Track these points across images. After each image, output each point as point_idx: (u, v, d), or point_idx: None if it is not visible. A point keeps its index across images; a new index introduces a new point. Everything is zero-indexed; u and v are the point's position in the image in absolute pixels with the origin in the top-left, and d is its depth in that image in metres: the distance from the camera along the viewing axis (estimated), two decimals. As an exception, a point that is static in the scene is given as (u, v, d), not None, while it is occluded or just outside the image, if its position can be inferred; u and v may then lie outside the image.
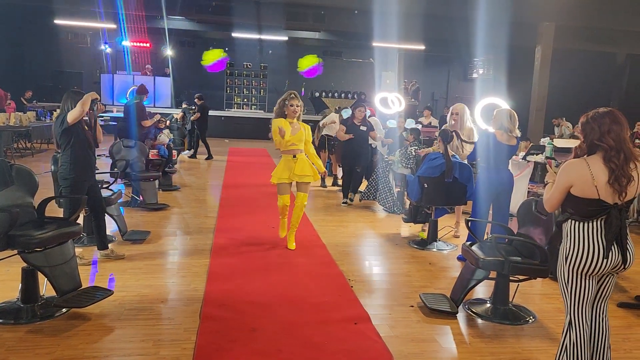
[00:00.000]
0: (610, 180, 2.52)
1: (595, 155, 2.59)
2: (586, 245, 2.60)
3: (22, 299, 3.49)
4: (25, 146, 11.55)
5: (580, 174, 2.57)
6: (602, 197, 2.55)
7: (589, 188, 2.56)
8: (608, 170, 2.53)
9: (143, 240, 5.30)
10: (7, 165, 3.56)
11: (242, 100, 20.34)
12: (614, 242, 2.59)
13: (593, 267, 2.61)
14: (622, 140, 2.56)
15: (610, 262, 2.61)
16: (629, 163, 2.55)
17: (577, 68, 17.32)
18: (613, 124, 2.57)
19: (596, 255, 2.59)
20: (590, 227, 2.60)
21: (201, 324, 3.47)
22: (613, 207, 2.56)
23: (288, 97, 5.08)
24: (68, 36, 19.39)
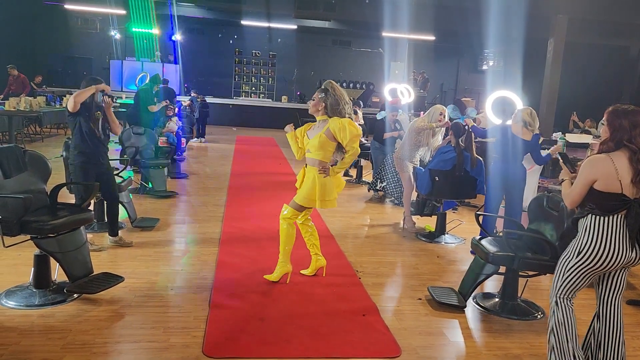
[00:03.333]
0: (635, 180, 2.58)
1: (620, 153, 2.62)
2: (605, 240, 2.64)
3: (35, 284, 3.52)
4: (35, 131, 11.61)
5: (605, 170, 2.61)
6: (625, 192, 2.59)
7: (613, 183, 2.59)
8: (633, 170, 2.58)
9: (152, 228, 5.32)
10: (20, 150, 3.59)
11: (250, 88, 20.31)
12: (636, 238, 2.62)
13: (606, 263, 2.66)
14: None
15: (626, 256, 2.65)
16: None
17: (589, 61, 17.14)
18: (635, 123, 2.61)
19: (614, 251, 2.63)
20: (611, 221, 2.63)
21: (210, 312, 3.49)
22: (634, 202, 2.60)
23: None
24: (78, 21, 19.36)
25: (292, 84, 19.96)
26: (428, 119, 5.91)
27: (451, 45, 20.63)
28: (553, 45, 13.66)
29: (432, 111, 5.94)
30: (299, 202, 3.99)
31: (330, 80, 4.06)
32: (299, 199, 3.99)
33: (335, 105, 3.90)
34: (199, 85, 18.42)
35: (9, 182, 3.46)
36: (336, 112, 3.92)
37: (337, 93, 3.93)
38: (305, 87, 19.98)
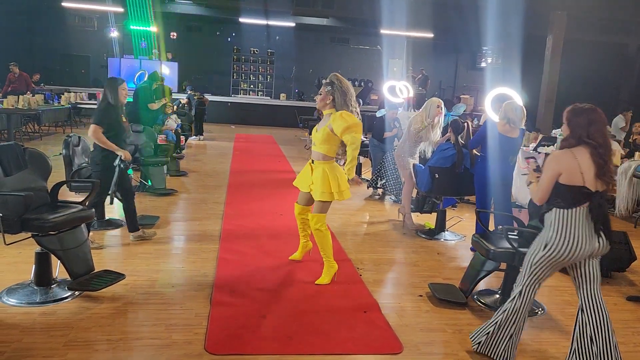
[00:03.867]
0: (599, 174, 2.72)
1: (582, 148, 2.76)
2: (570, 232, 2.77)
3: (36, 282, 3.52)
4: (33, 129, 11.58)
5: (568, 164, 2.75)
6: (587, 185, 2.74)
7: (576, 176, 2.73)
8: (595, 165, 2.71)
9: (152, 225, 5.31)
10: (20, 148, 3.58)
11: (248, 86, 20.28)
12: (600, 228, 2.77)
13: (572, 254, 2.77)
14: (605, 137, 2.77)
15: (590, 246, 2.78)
16: (610, 159, 2.78)
17: (587, 59, 17.13)
18: (600, 122, 2.77)
19: (578, 242, 2.76)
20: (575, 213, 2.77)
21: (212, 309, 3.49)
22: (596, 194, 2.74)
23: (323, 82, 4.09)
24: (75, 19, 19.32)
25: (290, 82, 19.94)
26: (425, 113, 5.87)
27: (449, 42, 20.63)
28: (552, 42, 13.67)
29: (428, 105, 5.88)
30: (322, 200, 3.94)
31: (336, 73, 4.03)
32: (319, 198, 3.94)
33: (342, 97, 3.91)
34: (197, 83, 18.40)
35: (9, 180, 3.45)
36: (343, 105, 3.93)
37: (344, 85, 3.93)
38: (303, 85, 19.97)
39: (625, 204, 5.68)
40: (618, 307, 4.03)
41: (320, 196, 3.94)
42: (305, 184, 4.12)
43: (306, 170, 4.14)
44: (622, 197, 5.65)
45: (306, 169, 4.16)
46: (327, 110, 3.98)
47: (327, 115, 3.99)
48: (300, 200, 4.26)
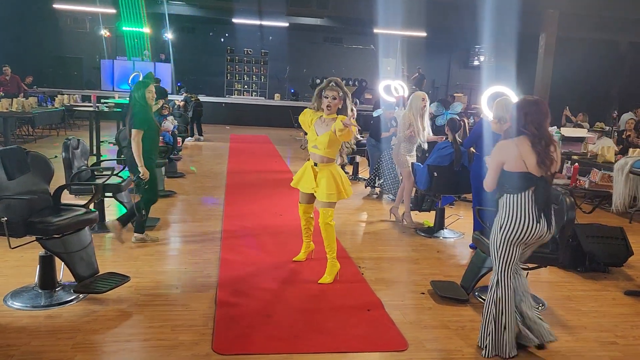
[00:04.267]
0: (538, 162, 2.93)
1: (523, 139, 2.97)
2: (519, 214, 2.97)
3: (40, 285, 3.53)
4: (27, 132, 11.52)
5: (509, 152, 2.98)
6: (530, 170, 2.94)
7: (519, 163, 2.94)
8: (535, 153, 2.93)
9: (153, 227, 5.32)
10: (23, 152, 3.58)
11: (242, 86, 20.26)
12: (543, 210, 2.96)
13: (524, 234, 2.98)
14: (543, 128, 2.96)
15: (538, 230, 2.98)
16: (549, 147, 2.95)
17: (579, 56, 17.28)
18: (537, 113, 2.96)
19: (527, 223, 2.96)
20: (522, 198, 2.97)
21: (217, 310, 3.51)
22: (540, 179, 2.95)
23: (326, 85, 4.03)
24: (67, 21, 19.20)
25: (284, 82, 19.95)
26: (411, 108, 5.89)
27: (442, 41, 20.71)
28: (544, 40, 13.78)
29: (413, 100, 5.91)
30: (330, 200, 4.03)
31: (336, 78, 4.09)
32: (327, 199, 4.01)
33: (346, 104, 4.01)
34: (191, 84, 18.37)
35: (12, 184, 3.45)
36: (345, 110, 4.01)
37: (348, 92, 4.05)
38: (297, 85, 19.97)
39: (622, 200, 5.75)
40: (616, 302, 4.10)
41: (328, 197, 4.02)
42: (308, 186, 4.14)
43: (308, 173, 4.15)
44: (619, 193, 5.72)
45: (307, 171, 4.16)
46: (332, 115, 4.01)
47: (329, 119, 4.02)
48: (303, 199, 4.30)
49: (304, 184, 4.18)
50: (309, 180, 4.12)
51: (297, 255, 4.56)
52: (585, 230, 4.68)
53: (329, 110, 3.98)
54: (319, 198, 4.06)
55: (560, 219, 3.71)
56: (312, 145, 4.08)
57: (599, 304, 4.01)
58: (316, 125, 4.10)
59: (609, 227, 4.84)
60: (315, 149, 4.06)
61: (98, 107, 9.29)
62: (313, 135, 4.07)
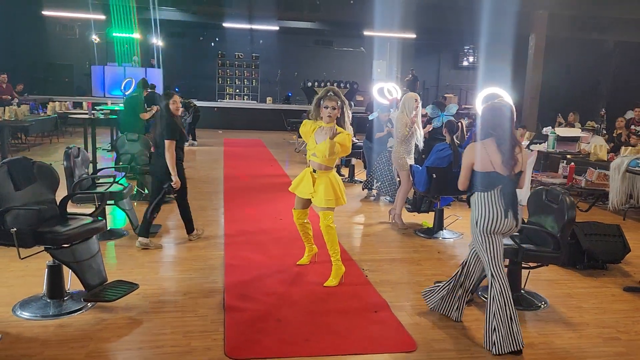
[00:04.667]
0: (503, 162, 3.18)
1: (490, 140, 3.23)
2: (489, 209, 3.23)
3: (49, 294, 3.54)
4: (21, 140, 11.45)
5: (477, 153, 3.24)
6: (496, 169, 3.19)
7: (486, 163, 3.21)
8: (501, 154, 3.18)
9: (155, 234, 5.34)
10: (29, 162, 3.59)
11: (234, 90, 20.27)
12: (510, 206, 3.21)
13: (495, 226, 3.23)
14: (508, 131, 3.21)
15: (507, 224, 3.23)
16: (515, 148, 3.20)
17: (568, 56, 17.51)
18: (503, 117, 3.21)
19: (497, 217, 3.22)
20: (490, 195, 3.23)
21: (226, 315, 3.55)
22: (505, 178, 3.20)
23: (325, 94, 4.09)
24: (56, 27, 19.11)
25: (276, 85, 19.99)
26: (404, 109, 5.96)
27: (432, 42, 20.87)
28: (534, 40, 13.95)
29: (405, 102, 5.99)
30: (328, 206, 4.12)
31: (333, 87, 4.19)
32: (325, 205, 4.10)
33: (344, 111, 4.10)
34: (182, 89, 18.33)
35: (19, 194, 3.46)
36: (342, 121, 4.12)
37: (345, 100, 4.14)
38: (289, 88, 20.01)
39: (619, 198, 5.86)
40: (616, 298, 4.18)
41: (326, 203, 4.11)
42: (306, 191, 4.20)
43: (307, 178, 4.21)
44: (616, 191, 5.83)
45: (306, 177, 4.22)
46: (331, 124, 4.08)
47: (329, 128, 4.08)
48: (298, 205, 4.36)
49: (302, 189, 4.24)
50: (307, 185, 4.19)
51: (301, 259, 4.61)
52: (583, 229, 4.77)
53: (330, 119, 4.07)
54: (317, 204, 4.14)
55: (560, 218, 3.80)
56: (311, 153, 4.17)
57: (599, 301, 4.10)
58: (316, 134, 4.16)
59: (606, 224, 4.94)
60: (314, 157, 4.14)
61: (93, 114, 9.26)
62: (312, 143, 4.15)
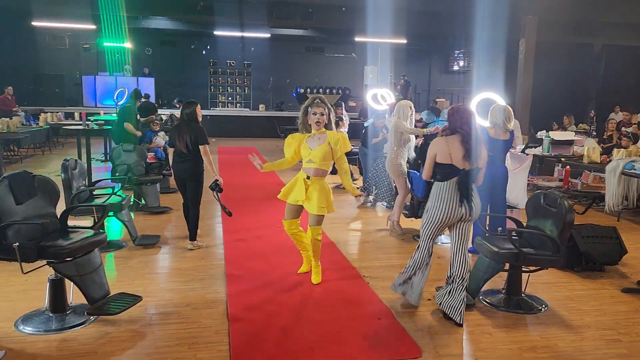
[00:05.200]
0: (464, 156, 3.60)
1: (454, 137, 3.66)
2: (443, 199, 3.65)
3: (51, 309, 3.52)
4: (13, 152, 11.37)
5: (440, 147, 3.69)
6: (454, 163, 3.61)
7: (445, 156, 3.65)
8: (463, 149, 3.60)
9: (154, 245, 5.33)
10: (30, 176, 3.58)
11: (226, 98, 20.28)
12: (465, 196, 3.61)
13: (446, 216, 3.65)
14: (470, 130, 3.63)
15: (459, 212, 3.65)
16: (479, 145, 3.64)
17: (558, 59, 17.74)
18: (469, 116, 3.67)
19: (450, 206, 3.63)
20: (447, 185, 3.65)
21: (231, 325, 3.55)
22: (462, 171, 3.61)
23: (311, 102, 4.14)
24: (46, 38, 19.03)
25: (268, 93, 20.03)
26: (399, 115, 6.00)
27: (422, 47, 21.03)
28: (525, 45, 14.10)
29: (401, 109, 6.03)
30: (320, 214, 4.16)
31: (319, 95, 4.29)
32: (318, 212, 4.15)
33: (330, 117, 4.20)
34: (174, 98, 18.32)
35: (21, 208, 3.45)
36: (330, 125, 4.22)
37: (331, 107, 4.24)
38: (282, 95, 20.06)
39: (615, 200, 5.93)
40: (615, 300, 4.23)
41: (319, 210, 4.15)
42: (299, 198, 4.22)
43: (299, 185, 4.23)
44: (612, 194, 5.89)
45: (299, 183, 4.24)
46: (320, 130, 4.17)
47: (320, 133, 4.17)
48: (288, 215, 4.36)
49: (294, 195, 4.25)
50: (299, 192, 4.21)
51: (301, 267, 4.62)
52: (580, 231, 4.82)
53: (318, 126, 4.14)
54: (311, 210, 4.17)
55: (559, 221, 3.84)
56: (307, 160, 4.19)
57: (599, 303, 4.14)
58: (307, 142, 4.21)
59: (602, 226, 5.00)
60: (311, 163, 4.17)
61: (88, 125, 9.23)
62: (307, 151, 4.19)
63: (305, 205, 4.20)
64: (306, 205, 4.20)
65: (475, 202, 3.69)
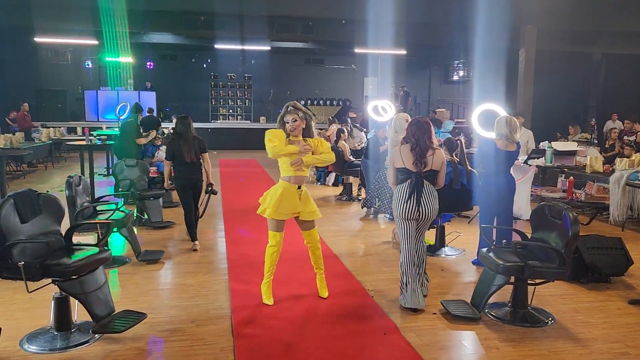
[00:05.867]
0: (414, 162, 4.14)
1: (406, 145, 4.21)
2: (402, 197, 4.15)
3: (56, 327, 3.50)
4: (16, 168, 11.40)
5: (395, 155, 4.27)
6: (407, 167, 4.15)
7: (399, 161, 4.21)
8: (413, 155, 4.14)
9: (157, 260, 5.32)
10: (35, 194, 3.59)
11: (227, 111, 20.36)
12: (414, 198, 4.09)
13: (405, 212, 4.12)
14: (420, 139, 4.14)
15: (412, 208, 4.10)
16: (425, 152, 4.13)
17: (558, 69, 17.80)
18: (418, 129, 4.17)
19: (407, 204, 4.11)
20: (403, 187, 4.17)
21: (236, 342, 3.53)
22: (415, 174, 4.12)
23: (286, 111, 4.13)
24: (48, 54, 19.18)
25: (269, 105, 20.11)
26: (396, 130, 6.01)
27: (422, 58, 21.13)
28: (524, 55, 14.16)
29: (397, 122, 6.04)
30: (317, 217, 4.24)
31: (293, 102, 4.20)
32: (317, 216, 4.22)
33: (310, 124, 4.17)
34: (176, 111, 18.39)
35: (26, 227, 3.45)
36: (309, 132, 4.18)
37: (308, 112, 4.22)
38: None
39: (620, 211, 5.92)
40: (622, 312, 4.20)
41: (316, 215, 4.21)
42: (294, 210, 4.13)
43: (290, 197, 4.10)
44: (616, 204, 5.88)
45: (288, 195, 4.10)
46: (298, 138, 4.12)
47: (300, 141, 4.12)
48: (280, 227, 4.21)
49: (289, 208, 4.10)
50: (293, 204, 4.10)
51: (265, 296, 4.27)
52: (585, 242, 4.80)
53: (293, 133, 4.08)
54: (311, 217, 4.16)
55: (564, 233, 3.83)
56: (295, 168, 4.09)
57: (605, 315, 4.11)
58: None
59: (607, 237, 4.98)
60: (300, 172, 4.11)
61: (91, 140, 9.26)
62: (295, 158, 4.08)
63: (303, 214, 4.14)
64: (304, 214, 4.15)
65: (425, 202, 4.11)
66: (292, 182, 4.11)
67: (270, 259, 4.27)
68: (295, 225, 4.33)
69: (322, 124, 15.45)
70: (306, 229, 4.24)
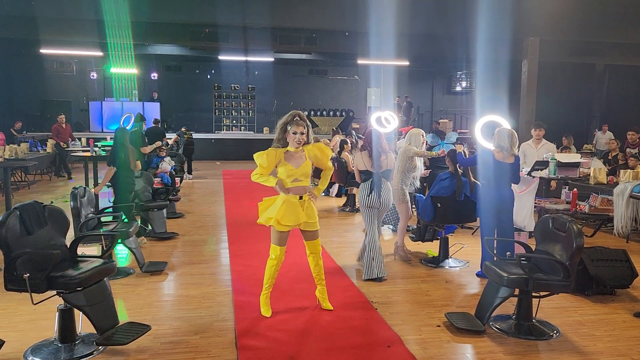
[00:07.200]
0: (372, 165, 5.09)
1: (366, 151, 5.16)
2: (366, 191, 5.10)
3: (60, 339, 3.51)
4: (20, 178, 11.45)
5: (358, 159, 5.23)
6: (368, 168, 5.12)
7: (361, 164, 5.19)
8: (370, 159, 5.11)
9: (161, 272, 5.32)
10: (40, 206, 3.61)
11: (230, 122, 20.45)
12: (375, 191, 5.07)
13: (369, 202, 5.08)
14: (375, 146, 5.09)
15: (374, 199, 5.08)
16: (380, 156, 5.09)
17: (561, 80, 17.86)
18: (375, 138, 5.11)
19: (370, 196, 5.07)
20: (367, 183, 5.13)
21: (239, 354, 3.52)
22: (373, 173, 5.08)
23: (291, 120, 4.04)
24: (53, 65, 19.35)
25: (272, 115, 20.19)
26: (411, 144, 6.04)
27: (425, 68, 21.22)
28: (527, 66, 14.21)
29: (413, 137, 6.09)
30: (318, 228, 4.25)
31: (298, 111, 4.16)
32: (317, 227, 4.23)
33: (309, 134, 4.14)
34: (179, 121, 18.49)
35: (31, 239, 3.47)
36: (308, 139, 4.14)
37: (309, 124, 4.19)
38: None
39: (624, 223, 5.90)
40: (627, 325, 4.18)
41: (318, 225, 4.24)
42: (300, 220, 4.11)
43: (293, 208, 4.08)
44: (620, 217, 5.86)
45: (291, 206, 4.07)
46: (298, 149, 4.09)
47: (299, 151, 4.10)
48: (283, 240, 4.20)
49: (294, 219, 4.07)
50: (297, 215, 4.08)
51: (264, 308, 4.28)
52: (590, 254, 4.79)
53: (299, 145, 4.05)
54: (312, 228, 4.17)
55: (568, 246, 3.82)
56: (292, 179, 4.08)
57: (611, 328, 4.09)
58: (288, 160, 4.09)
59: (612, 249, 4.96)
60: (298, 182, 4.09)
61: (96, 151, 9.30)
62: (291, 170, 4.07)
63: (305, 224, 4.13)
64: (306, 224, 4.14)
65: (384, 194, 5.10)
66: (291, 193, 4.10)
67: (270, 272, 4.26)
68: (295, 237, 4.34)
69: (326, 135, 15.50)
70: (310, 239, 4.23)
